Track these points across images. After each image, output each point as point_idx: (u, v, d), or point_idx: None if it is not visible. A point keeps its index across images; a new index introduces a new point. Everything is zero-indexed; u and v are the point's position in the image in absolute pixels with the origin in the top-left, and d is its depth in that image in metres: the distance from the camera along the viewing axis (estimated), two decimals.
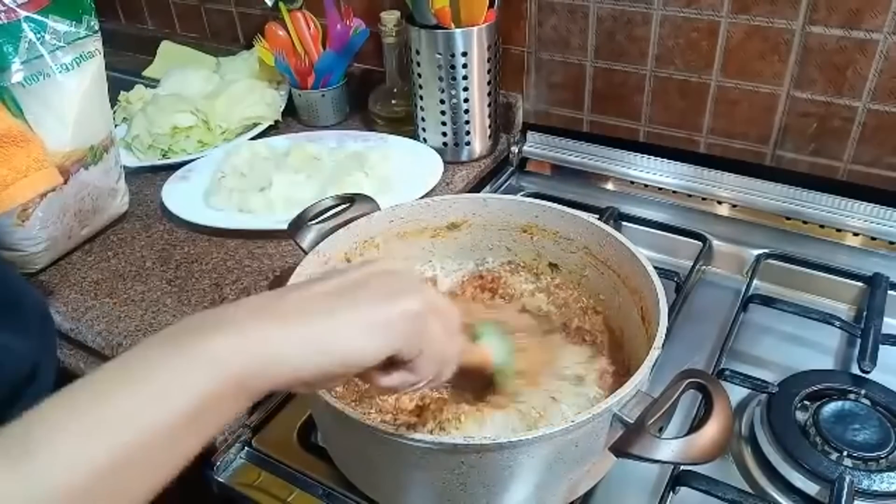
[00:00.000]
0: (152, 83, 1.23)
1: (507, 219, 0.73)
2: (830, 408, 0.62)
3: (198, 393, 0.33)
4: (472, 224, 0.74)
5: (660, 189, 0.95)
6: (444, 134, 0.98)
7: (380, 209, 0.71)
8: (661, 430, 0.50)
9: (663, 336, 0.54)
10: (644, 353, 0.53)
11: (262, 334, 0.35)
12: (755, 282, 0.80)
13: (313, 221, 0.68)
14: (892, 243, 0.83)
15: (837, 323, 0.72)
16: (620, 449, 0.48)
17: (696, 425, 0.47)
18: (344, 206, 0.70)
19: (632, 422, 0.48)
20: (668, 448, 0.46)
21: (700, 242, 0.85)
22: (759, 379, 0.66)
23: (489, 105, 0.97)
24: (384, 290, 0.39)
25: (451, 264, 0.77)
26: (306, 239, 0.66)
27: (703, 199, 0.92)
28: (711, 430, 0.46)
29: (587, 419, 0.47)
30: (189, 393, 0.33)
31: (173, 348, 0.34)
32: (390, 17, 1.00)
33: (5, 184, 0.58)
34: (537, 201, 0.72)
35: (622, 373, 0.63)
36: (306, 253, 0.65)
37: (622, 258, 0.66)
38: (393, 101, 1.07)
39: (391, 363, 0.39)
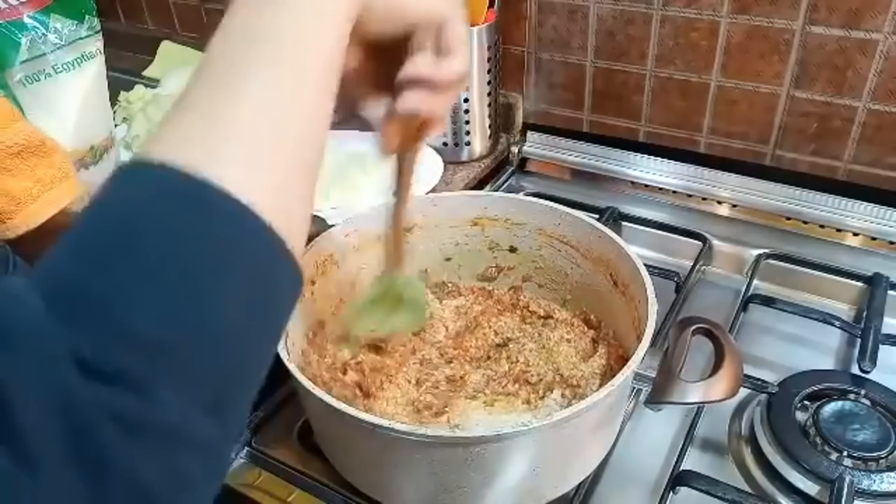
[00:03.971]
0: (152, 83, 1.23)
1: (457, 215, 0.73)
2: (830, 408, 0.62)
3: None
4: (422, 226, 0.73)
5: (660, 189, 0.95)
6: (444, 134, 0.98)
7: (329, 226, 0.68)
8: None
9: (653, 290, 0.58)
10: (618, 310, 0.59)
11: None
12: (755, 282, 0.80)
13: None
14: (892, 243, 0.83)
15: (837, 323, 0.72)
16: (657, 399, 0.51)
17: (715, 367, 0.52)
18: None
19: (654, 375, 0.52)
20: (698, 391, 0.50)
21: (700, 242, 0.85)
22: (759, 379, 0.66)
23: (489, 105, 0.97)
24: None
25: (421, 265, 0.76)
26: None
27: (703, 199, 0.92)
28: (730, 369, 0.52)
29: (608, 393, 0.49)
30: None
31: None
32: None
33: (32, 197, 0.55)
34: (484, 193, 0.73)
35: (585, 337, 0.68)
36: None
37: (579, 232, 0.69)
38: None
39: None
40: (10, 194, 0.53)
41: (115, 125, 0.94)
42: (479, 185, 1.00)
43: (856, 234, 0.84)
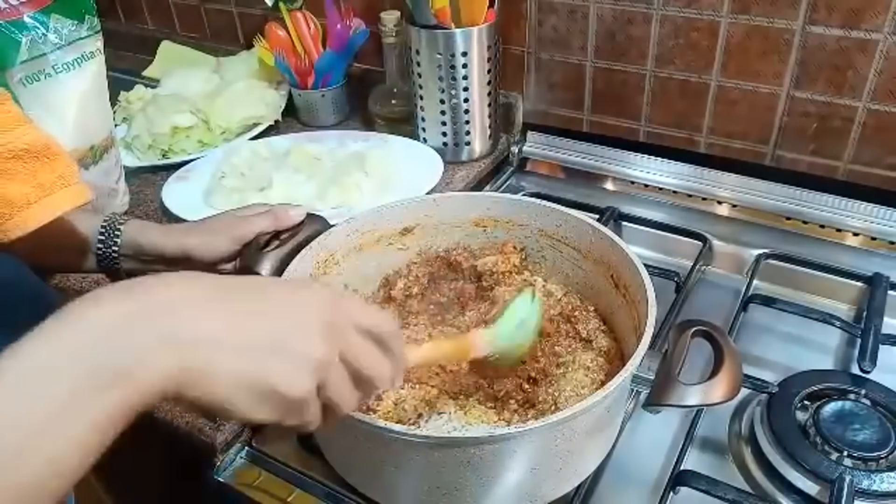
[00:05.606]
0: (152, 83, 1.23)
1: (459, 215, 0.73)
2: (830, 408, 0.62)
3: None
4: (424, 226, 0.73)
5: (660, 189, 0.95)
6: (444, 134, 0.98)
7: (330, 225, 0.68)
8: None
9: (653, 292, 0.57)
10: (620, 311, 0.58)
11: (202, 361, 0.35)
12: (755, 282, 0.80)
13: (267, 248, 0.64)
14: (892, 243, 0.83)
15: (837, 323, 0.72)
16: (656, 402, 0.51)
17: (714, 369, 0.52)
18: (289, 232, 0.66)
19: (653, 378, 0.52)
20: (697, 393, 0.50)
21: (700, 242, 0.85)
22: (759, 379, 0.66)
23: (489, 105, 0.97)
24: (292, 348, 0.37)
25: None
26: (265, 267, 0.63)
27: (703, 199, 0.92)
28: (729, 371, 0.51)
29: (600, 398, 0.49)
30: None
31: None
32: (390, 17, 1.00)
33: (29, 202, 0.53)
34: (486, 194, 0.73)
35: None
36: None
37: (580, 233, 0.69)
38: (393, 101, 1.07)
39: None
40: (7, 198, 0.52)
41: (115, 125, 0.94)
42: (479, 185, 1.00)
43: (856, 234, 0.84)
